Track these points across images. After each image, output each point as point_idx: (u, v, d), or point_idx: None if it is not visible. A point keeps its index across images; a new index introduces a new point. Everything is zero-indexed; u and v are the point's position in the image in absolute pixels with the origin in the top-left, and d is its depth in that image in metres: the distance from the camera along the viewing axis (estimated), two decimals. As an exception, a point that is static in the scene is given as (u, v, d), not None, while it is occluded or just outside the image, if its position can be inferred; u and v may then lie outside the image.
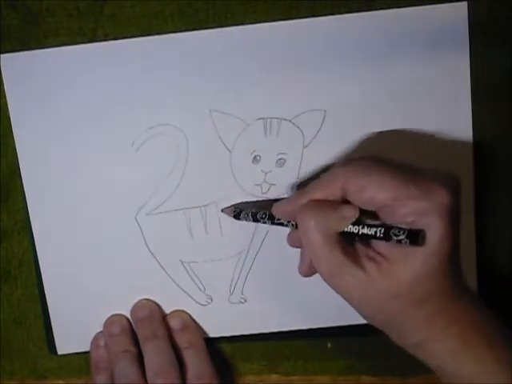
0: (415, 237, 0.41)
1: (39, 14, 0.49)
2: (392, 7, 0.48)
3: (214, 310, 0.53)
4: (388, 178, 0.42)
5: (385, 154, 0.49)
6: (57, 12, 0.49)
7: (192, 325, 0.53)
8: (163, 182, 0.50)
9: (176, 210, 0.51)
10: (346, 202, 0.44)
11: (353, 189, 0.43)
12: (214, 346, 0.54)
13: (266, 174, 0.50)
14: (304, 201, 0.44)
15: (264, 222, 0.48)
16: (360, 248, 0.44)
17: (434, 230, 0.41)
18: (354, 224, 0.43)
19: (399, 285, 0.42)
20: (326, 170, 0.46)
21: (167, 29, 0.49)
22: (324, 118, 0.50)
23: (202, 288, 0.53)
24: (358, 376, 0.55)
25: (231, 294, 0.53)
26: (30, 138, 0.50)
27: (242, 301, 0.53)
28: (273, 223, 0.47)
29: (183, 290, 0.53)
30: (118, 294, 0.53)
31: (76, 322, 0.53)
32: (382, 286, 0.42)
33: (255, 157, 0.50)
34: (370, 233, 0.42)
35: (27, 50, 0.49)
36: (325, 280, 0.44)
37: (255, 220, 0.48)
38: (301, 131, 0.50)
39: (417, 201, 0.41)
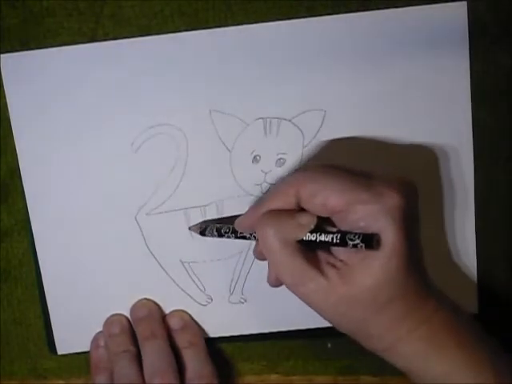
0: (369, 241, 0.41)
1: (39, 13, 0.49)
2: (391, 7, 0.48)
3: (214, 309, 0.53)
4: (338, 183, 0.42)
5: (384, 153, 0.50)
6: (57, 12, 0.49)
7: (192, 324, 0.53)
8: (163, 182, 0.50)
9: (176, 210, 0.51)
10: (303, 210, 0.44)
11: (305, 195, 0.43)
12: (214, 346, 0.54)
13: (266, 173, 0.50)
14: (261, 212, 0.45)
15: (228, 237, 0.48)
16: (321, 255, 0.44)
17: (387, 233, 0.41)
18: (311, 232, 0.43)
19: (360, 290, 0.42)
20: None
21: (167, 29, 0.49)
22: (324, 118, 0.49)
23: (201, 288, 0.53)
24: (358, 376, 0.55)
25: (231, 294, 0.53)
26: (29, 138, 0.50)
27: (242, 301, 0.53)
28: (236, 237, 0.48)
29: (183, 290, 0.53)
30: (117, 294, 0.53)
31: (76, 322, 0.53)
32: (342, 291, 0.42)
33: (255, 157, 0.50)
34: (327, 239, 0.43)
35: (27, 50, 0.49)
36: (288, 288, 0.44)
37: (220, 235, 0.48)
38: (301, 131, 0.50)
39: (367, 205, 0.41)
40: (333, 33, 0.48)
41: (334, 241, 0.42)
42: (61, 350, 0.54)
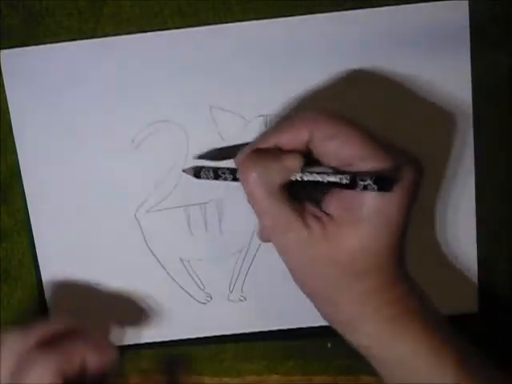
0: (383, 181, 0.39)
1: (39, 14, 0.49)
2: (392, 4, 0.48)
3: (214, 308, 0.53)
4: (359, 134, 0.41)
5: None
6: (57, 12, 0.49)
7: None
8: (163, 179, 0.50)
9: (176, 208, 0.51)
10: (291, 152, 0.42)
11: (319, 135, 0.41)
12: (214, 346, 0.54)
13: (267, 170, 0.50)
14: (266, 145, 0.43)
15: (225, 179, 0.45)
16: (307, 206, 0.43)
17: (392, 199, 0.40)
18: (318, 172, 0.41)
19: (342, 250, 0.41)
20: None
21: (167, 29, 0.49)
22: (324, 115, 0.50)
23: (201, 286, 0.52)
24: (358, 376, 0.55)
25: (231, 292, 0.53)
26: (29, 134, 0.50)
27: (242, 299, 0.53)
28: (234, 179, 0.45)
29: (182, 287, 0.52)
30: (117, 293, 0.52)
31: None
32: (323, 248, 0.41)
33: (255, 154, 0.50)
34: (335, 180, 0.40)
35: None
36: (267, 236, 0.43)
37: (216, 177, 0.46)
38: (301, 129, 0.50)
39: (382, 165, 0.40)
40: (333, 30, 0.48)
41: (343, 181, 0.40)
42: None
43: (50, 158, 0.50)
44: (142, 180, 0.51)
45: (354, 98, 0.49)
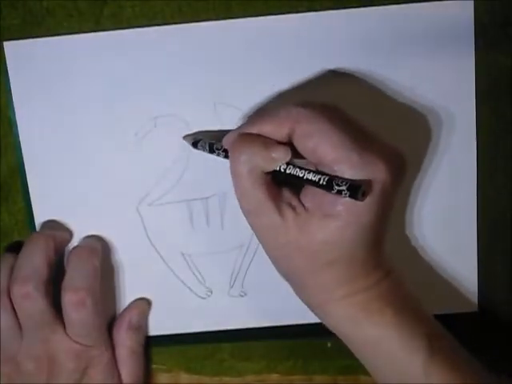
0: (356, 190, 0.40)
1: (39, 13, 0.49)
2: (395, 3, 0.48)
3: (214, 302, 0.53)
4: (334, 134, 0.41)
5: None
6: (57, 12, 0.49)
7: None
8: (166, 173, 0.50)
9: (178, 202, 0.51)
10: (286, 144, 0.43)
11: (299, 133, 0.42)
12: (213, 346, 0.54)
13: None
14: (250, 132, 0.44)
15: (218, 155, 0.47)
16: (286, 194, 0.44)
17: (359, 202, 0.41)
18: (300, 168, 0.42)
19: (310, 240, 0.43)
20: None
21: (167, 29, 0.49)
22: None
23: (201, 281, 0.52)
24: (358, 376, 0.55)
25: (231, 287, 0.53)
26: (33, 127, 0.50)
27: (242, 294, 0.53)
28: (226, 156, 0.46)
29: (183, 282, 0.52)
30: (117, 286, 0.52)
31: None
32: (293, 236, 0.43)
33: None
34: (314, 179, 0.42)
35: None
36: (244, 215, 0.45)
37: (211, 151, 0.47)
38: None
39: (352, 169, 0.41)
40: (337, 28, 0.48)
41: (321, 182, 0.41)
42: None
43: (53, 151, 0.50)
44: (145, 173, 0.51)
45: (356, 97, 0.49)
